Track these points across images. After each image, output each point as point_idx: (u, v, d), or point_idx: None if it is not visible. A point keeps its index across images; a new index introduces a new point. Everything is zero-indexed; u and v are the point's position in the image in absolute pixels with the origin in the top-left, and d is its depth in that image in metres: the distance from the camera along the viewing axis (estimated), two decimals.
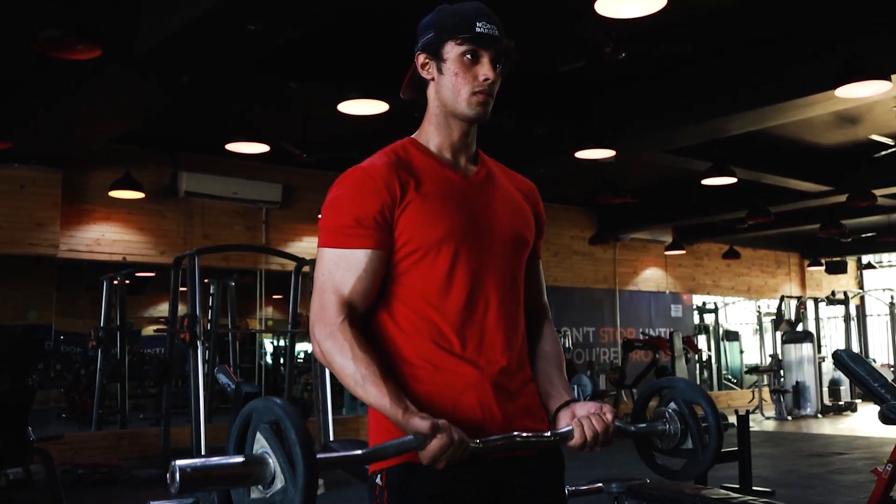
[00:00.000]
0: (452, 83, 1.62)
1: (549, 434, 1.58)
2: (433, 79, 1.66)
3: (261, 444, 1.27)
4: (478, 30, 1.60)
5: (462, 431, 1.42)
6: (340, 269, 1.56)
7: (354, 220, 1.55)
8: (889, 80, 6.25)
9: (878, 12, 6.35)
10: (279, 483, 1.23)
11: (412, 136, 1.72)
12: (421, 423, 1.40)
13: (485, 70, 1.61)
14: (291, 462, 1.22)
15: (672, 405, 1.73)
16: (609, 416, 1.57)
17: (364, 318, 1.60)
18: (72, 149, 8.18)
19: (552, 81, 7.59)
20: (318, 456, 1.23)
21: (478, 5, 1.65)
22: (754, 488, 5.53)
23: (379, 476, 1.55)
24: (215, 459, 1.23)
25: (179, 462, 1.19)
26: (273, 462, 1.24)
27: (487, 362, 1.59)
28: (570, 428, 1.57)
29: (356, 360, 1.49)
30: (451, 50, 1.62)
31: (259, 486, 1.26)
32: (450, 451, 1.39)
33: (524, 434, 1.53)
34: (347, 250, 1.56)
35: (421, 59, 1.66)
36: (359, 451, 1.37)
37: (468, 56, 1.61)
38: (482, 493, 1.56)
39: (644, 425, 1.74)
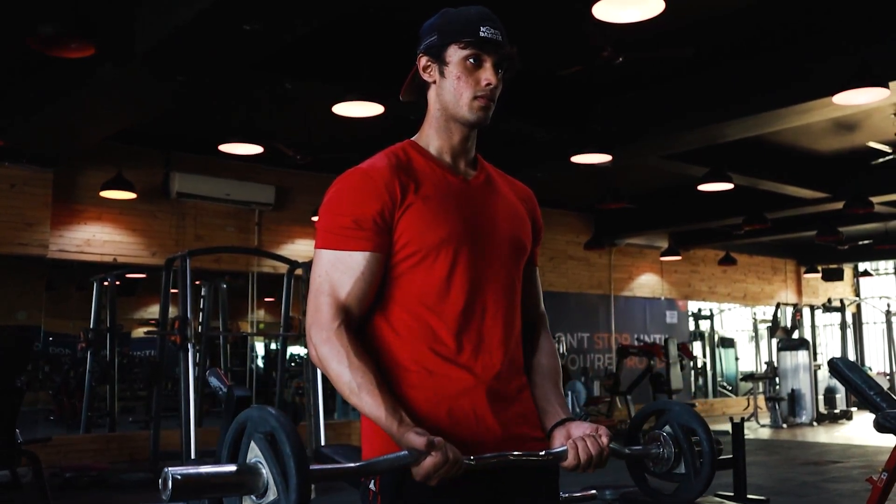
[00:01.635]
0: (454, 87, 1.62)
1: (543, 453, 1.58)
2: (435, 82, 1.65)
3: (254, 454, 1.27)
4: (482, 34, 1.59)
5: (456, 449, 1.41)
6: (338, 271, 1.54)
7: (353, 221, 1.54)
8: (887, 87, 6.22)
9: (877, 19, 6.33)
10: (272, 495, 1.23)
11: (412, 139, 1.71)
12: (416, 440, 1.38)
13: (487, 75, 1.61)
14: (285, 475, 1.22)
15: (667, 428, 1.72)
16: (604, 440, 1.57)
17: (360, 320, 1.58)
18: (65, 148, 8.13)
19: (550, 86, 7.56)
20: (312, 467, 1.23)
21: (482, 10, 1.64)
22: (749, 496, 5.48)
23: (372, 481, 1.55)
24: (208, 467, 1.23)
25: (172, 469, 1.19)
26: (266, 472, 1.24)
27: (483, 367, 1.58)
28: (564, 448, 1.57)
29: (352, 367, 1.47)
30: (454, 53, 1.61)
31: (252, 497, 1.26)
32: (444, 470, 1.38)
33: (517, 453, 1.54)
34: (345, 252, 1.54)
35: (423, 61, 1.65)
36: (352, 465, 1.36)
37: (471, 60, 1.61)
38: (477, 498, 1.54)
39: (639, 448, 1.73)
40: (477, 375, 1.57)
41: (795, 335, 14.53)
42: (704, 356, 16.46)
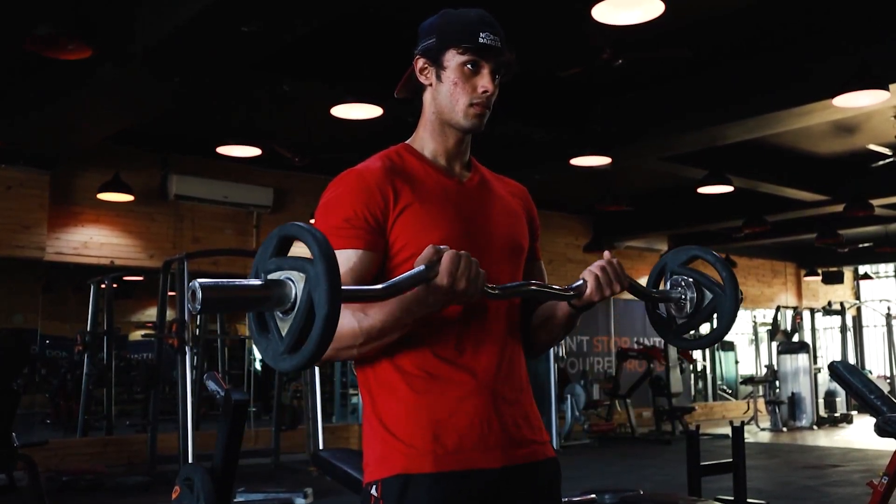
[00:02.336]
0: (450, 92, 1.60)
1: (565, 287, 1.59)
2: (431, 85, 1.63)
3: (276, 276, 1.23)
4: (481, 40, 1.57)
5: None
6: None
7: (345, 220, 1.52)
8: (887, 89, 6.20)
9: (877, 19, 6.31)
10: (301, 284, 1.18)
11: (406, 142, 1.70)
12: (424, 253, 1.36)
13: (484, 82, 1.59)
14: (309, 258, 1.17)
15: (673, 277, 1.73)
16: (607, 254, 1.61)
17: None
18: (64, 149, 8.10)
19: (550, 87, 7.54)
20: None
21: (482, 14, 1.62)
22: (749, 500, 5.46)
23: (374, 487, 1.52)
24: (236, 281, 1.21)
25: (201, 280, 1.15)
26: (293, 284, 1.20)
27: (484, 369, 1.56)
28: (581, 281, 1.59)
29: (350, 309, 1.44)
30: (452, 58, 1.59)
31: (279, 313, 1.21)
32: (462, 264, 1.35)
33: (557, 285, 1.56)
34: (337, 251, 1.50)
35: (420, 63, 1.63)
36: (380, 286, 1.33)
37: (469, 66, 1.59)
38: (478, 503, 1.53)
39: (656, 290, 1.75)
40: (478, 377, 1.55)
41: (795, 338, 14.52)
42: (704, 359, 16.42)
